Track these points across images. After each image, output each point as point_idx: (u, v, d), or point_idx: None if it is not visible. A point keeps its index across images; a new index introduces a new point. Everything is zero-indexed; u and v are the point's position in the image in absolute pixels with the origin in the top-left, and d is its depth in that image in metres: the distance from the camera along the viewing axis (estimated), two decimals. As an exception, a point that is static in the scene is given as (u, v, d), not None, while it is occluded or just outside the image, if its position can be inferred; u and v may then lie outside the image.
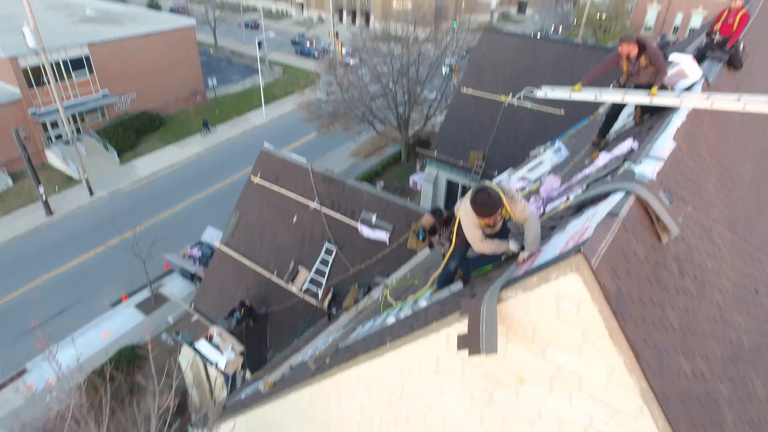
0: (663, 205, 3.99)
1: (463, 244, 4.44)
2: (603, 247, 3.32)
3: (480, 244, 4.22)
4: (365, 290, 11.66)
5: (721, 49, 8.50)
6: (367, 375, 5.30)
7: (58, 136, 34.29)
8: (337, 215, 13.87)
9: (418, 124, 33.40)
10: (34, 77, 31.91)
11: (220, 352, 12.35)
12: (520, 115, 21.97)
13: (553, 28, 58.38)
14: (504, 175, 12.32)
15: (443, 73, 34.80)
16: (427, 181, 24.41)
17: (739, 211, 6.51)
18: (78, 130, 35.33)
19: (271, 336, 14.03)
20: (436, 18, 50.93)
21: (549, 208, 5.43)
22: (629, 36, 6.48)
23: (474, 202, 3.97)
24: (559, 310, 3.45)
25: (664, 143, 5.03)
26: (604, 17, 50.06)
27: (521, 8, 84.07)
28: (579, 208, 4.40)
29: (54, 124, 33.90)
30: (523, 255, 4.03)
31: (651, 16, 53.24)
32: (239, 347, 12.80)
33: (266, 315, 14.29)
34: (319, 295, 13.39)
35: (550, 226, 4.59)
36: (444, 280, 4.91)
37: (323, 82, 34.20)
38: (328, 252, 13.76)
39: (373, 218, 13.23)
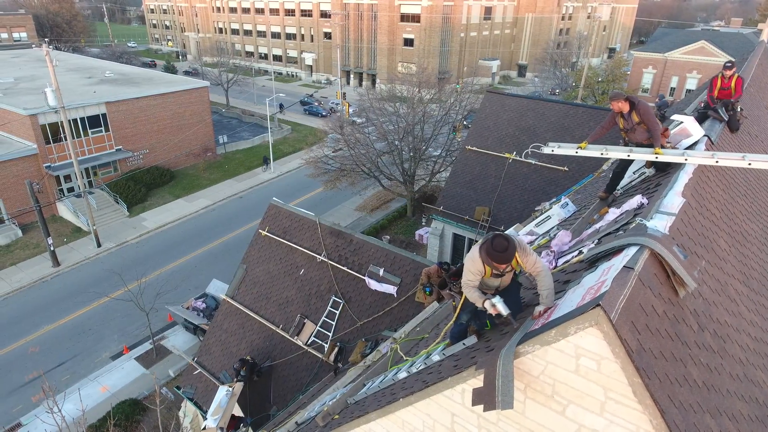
0: (678, 259, 4.00)
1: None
2: (622, 301, 3.31)
3: (467, 288, 4.24)
4: (372, 344, 11.44)
5: (720, 111, 8.78)
6: (378, 434, 5.12)
7: (71, 189, 34.99)
8: (345, 268, 13.84)
9: (423, 179, 33.97)
10: (51, 133, 33.07)
11: (214, 415, 11.86)
12: (524, 172, 22.35)
13: (551, 91, 60.48)
14: (511, 230, 12.37)
15: (448, 131, 35.79)
16: (434, 234, 24.50)
17: (754, 267, 6.48)
18: (90, 184, 36.10)
19: (275, 391, 13.61)
20: (440, 80, 53.04)
21: (561, 261, 5.43)
22: (618, 94, 6.75)
23: (494, 248, 3.98)
24: (579, 365, 3.38)
25: (673, 199, 5.10)
26: (601, 80, 51.93)
27: (521, 72, 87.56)
28: (593, 262, 4.41)
29: (67, 178, 34.71)
30: (538, 309, 4.00)
31: (647, 79, 55.22)
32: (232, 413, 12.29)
33: (270, 369, 13.94)
34: (325, 349, 13.12)
35: (564, 280, 4.58)
36: (457, 334, 4.84)
37: (331, 140, 35.19)
38: (335, 305, 13.61)
39: (381, 272, 13.18)
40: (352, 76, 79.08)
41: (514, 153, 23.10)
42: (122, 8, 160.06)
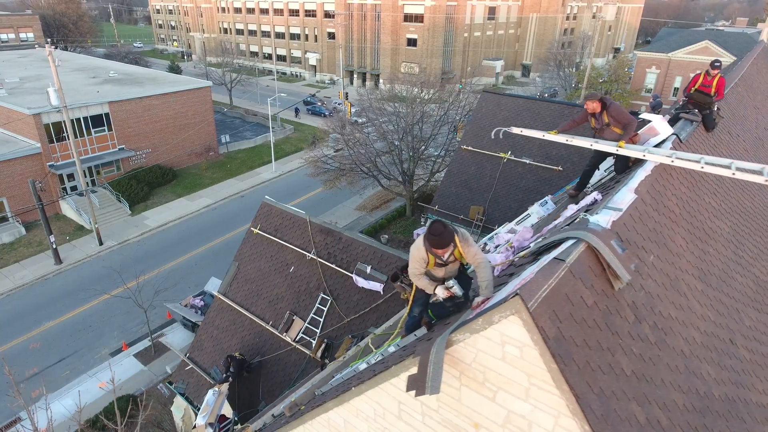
0: (614, 252, 4.13)
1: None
2: (544, 291, 3.45)
3: (414, 277, 4.40)
4: (358, 340, 11.61)
5: (696, 109, 8.87)
6: (336, 421, 5.29)
7: (74, 188, 35.45)
8: (333, 266, 14.02)
9: (423, 179, 34.09)
10: (55, 133, 33.52)
11: (203, 413, 12.10)
12: (519, 172, 22.44)
13: (542, 93, 60.46)
14: (501, 229, 12.51)
15: (448, 130, 35.89)
16: (429, 234, 24.60)
17: (715, 264, 6.57)
18: (93, 183, 36.56)
19: (264, 386, 13.82)
20: (443, 81, 53.18)
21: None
22: (593, 95, 6.92)
23: (430, 232, 4.16)
24: (505, 353, 3.53)
25: (624, 195, 5.22)
26: (604, 80, 51.80)
27: (525, 72, 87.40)
28: (537, 255, 4.55)
29: (70, 177, 35.16)
30: (477, 300, 4.15)
31: (651, 79, 54.98)
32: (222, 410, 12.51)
33: (260, 365, 14.14)
34: (313, 345, 13.30)
35: (510, 273, 4.73)
36: (411, 326, 5.00)
37: (332, 139, 35.40)
38: (323, 302, 13.79)
39: (368, 269, 13.34)
40: (355, 76, 79.33)
41: (509, 153, 23.25)
42: (129, 9, 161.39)
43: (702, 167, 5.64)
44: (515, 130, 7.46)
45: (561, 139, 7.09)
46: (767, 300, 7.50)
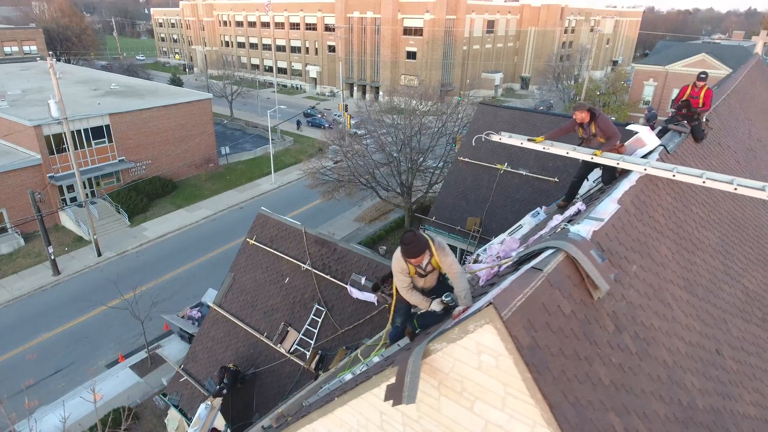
0: (593, 262, 4.16)
1: (404, 299, 4.60)
2: (519, 300, 3.48)
3: (406, 293, 4.40)
4: (352, 351, 11.57)
5: (686, 121, 8.94)
6: (320, 433, 5.27)
7: (74, 199, 35.56)
8: (328, 277, 14.01)
9: (421, 191, 34.16)
10: (56, 144, 33.73)
11: (194, 427, 12.05)
12: (515, 183, 22.51)
13: (549, 104, 60.83)
14: (495, 240, 12.53)
15: (447, 142, 36.07)
16: (426, 246, 24.61)
17: (702, 274, 6.59)
18: (93, 194, 36.68)
19: (258, 398, 13.74)
20: (442, 93, 53.51)
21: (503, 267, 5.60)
22: (582, 105, 7.00)
23: (402, 242, 4.20)
24: (481, 362, 3.54)
25: (607, 206, 5.26)
26: (601, 93, 52.15)
27: (524, 84, 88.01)
28: (518, 265, 4.58)
29: (70, 188, 35.30)
30: (457, 309, 4.17)
31: (648, 92, 55.34)
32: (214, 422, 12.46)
33: (254, 377, 14.08)
34: (307, 357, 13.25)
35: (492, 282, 4.75)
36: (394, 336, 5.01)
37: (331, 151, 35.58)
38: (318, 313, 13.77)
39: (362, 280, 13.32)
40: (355, 88, 79.92)
41: (506, 164, 23.34)
42: (132, 22, 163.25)
43: (674, 175, 5.70)
44: (495, 138, 7.58)
45: (538, 146, 7.19)
46: (756, 311, 7.50)
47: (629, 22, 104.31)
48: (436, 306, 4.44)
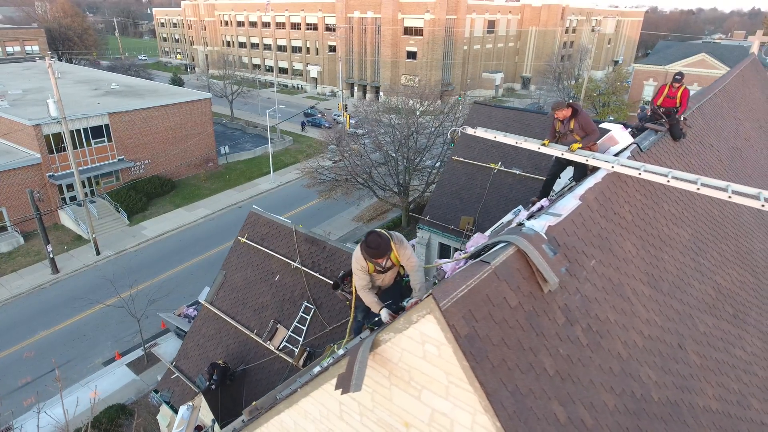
0: (543, 256, 4.27)
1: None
2: (461, 291, 3.59)
3: (362, 292, 4.51)
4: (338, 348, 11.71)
5: (663, 120, 9.03)
6: (287, 423, 5.40)
7: (73, 198, 35.82)
8: (317, 275, 14.14)
9: (418, 190, 34.29)
10: (55, 143, 33.99)
11: (178, 428, 12.22)
12: (509, 182, 22.61)
13: (539, 105, 60.82)
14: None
15: (444, 141, 36.16)
16: (420, 244, 24.75)
17: (670, 270, 6.68)
18: (92, 193, 36.94)
19: (247, 395, 13.87)
20: (443, 93, 53.60)
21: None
22: (561, 103, 7.13)
23: (367, 244, 4.30)
24: (425, 351, 3.66)
25: (568, 202, 5.37)
26: (600, 92, 52.15)
27: (525, 84, 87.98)
28: (473, 258, 4.69)
29: (70, 187, 35.55)
30: (411, 301, 4.29)
31: (648, 91, 55.26)
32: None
33: (243, 374, 14.22)
34: (296, 354, 13.38)
35: (449, 275, 4.86)
36: (356, 330, 5.15)
37: (330, 151, 35.73)
38: (307, 311, 13.90)
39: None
40: (356, 88, 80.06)
41: (500, 163, 23.44)
42: (134, 22, 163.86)
43: (640, 174, 5.81)
44: (470, 131, 7.77)
45: (511, 141, 7.30)
46: (728, 307, 7.59)
47: (631, 22, 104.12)
48: (384, 315, 4.53)
